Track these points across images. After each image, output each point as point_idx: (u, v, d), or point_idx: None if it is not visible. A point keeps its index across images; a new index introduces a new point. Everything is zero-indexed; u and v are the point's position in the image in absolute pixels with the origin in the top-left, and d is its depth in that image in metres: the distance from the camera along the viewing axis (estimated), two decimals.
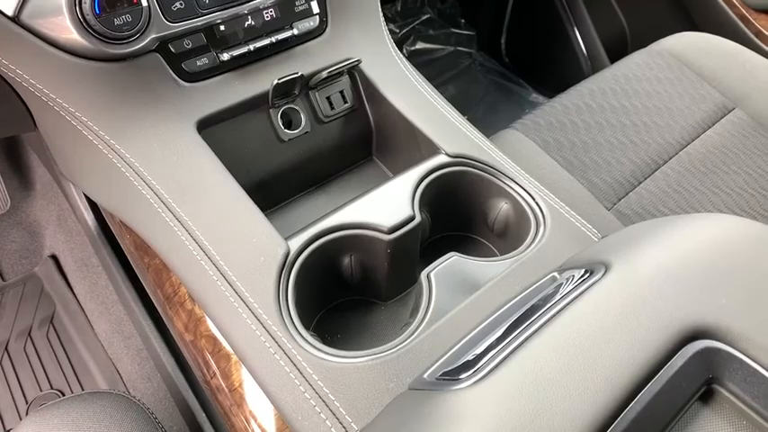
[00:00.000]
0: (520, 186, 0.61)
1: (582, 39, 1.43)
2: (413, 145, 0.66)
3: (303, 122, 0.66)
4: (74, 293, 1.09)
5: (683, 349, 0.36)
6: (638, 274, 0.43)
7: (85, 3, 0.50)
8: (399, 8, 1.58)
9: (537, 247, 0.55)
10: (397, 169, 0.71)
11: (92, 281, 1.05)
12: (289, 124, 0.66)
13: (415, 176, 0.59)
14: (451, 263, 0.53)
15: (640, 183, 0.87)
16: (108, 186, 0.59)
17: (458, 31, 1.60)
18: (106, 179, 0.59)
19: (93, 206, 0.89)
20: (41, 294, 1.11)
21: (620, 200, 0.84)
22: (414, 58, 1.55)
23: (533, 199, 0.60)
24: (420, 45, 1.56)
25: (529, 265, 0.54)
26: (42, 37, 0.53)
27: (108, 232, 0.89)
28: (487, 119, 1.45)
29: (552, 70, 1.51)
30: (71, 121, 0.58)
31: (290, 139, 0.65)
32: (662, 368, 0.35)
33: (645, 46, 1.07)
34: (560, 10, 1.44)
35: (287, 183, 0.67)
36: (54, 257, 1.14)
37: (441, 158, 0.61)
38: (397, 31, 1.56)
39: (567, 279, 0.49)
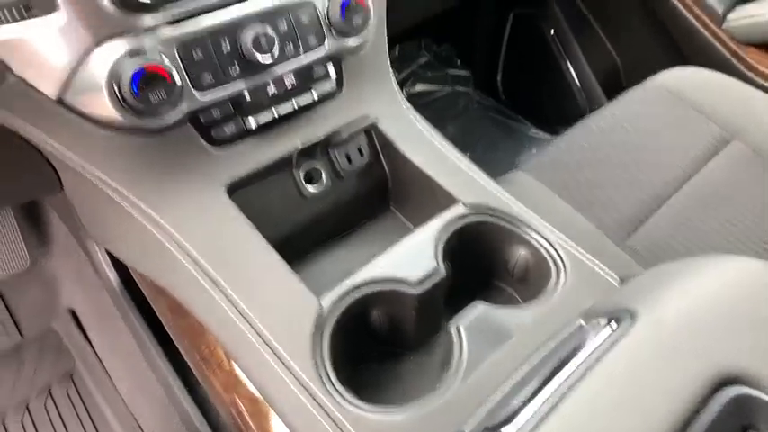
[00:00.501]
0: (537, 233, 0.63)
1: (576, 73, 1.48)
2: (429, 195, 0.69)
3: (324, 179, 0.69)
4: (93, 347, 1.10)
5: (716, 396, 0.38)
6: (664, 323, 0.45)
7: (124, 84, 0.53)
8: (398, 53, 1.64)
9: (560, 293, 0.57)
10: (415, 219, 0.73)
11: (111, 335, 1.06)
12: (309, 179, 0.69)
13: (436, 228, 0.61)
14: (478, 313, 0.55)
15: (648, 218, 0.89)
16: (142, 251, 0.62)
17: (454, 71, 1.66)
18: (140, 244, 0.61)
19: (116, 264, 0.91)
20: (60, 349, 1.12)
21: (629, 236, 0.87)
22: (413, 99, 1.60)
23: (551, 245, 0.62)
24: (419, 87, 1.61)
25: (554, 313, 0.56)
26: (80, 113, 0.56)
27: (131, 290, 0.90)
28: (489, 156, 1.49)
29: (549, 105, 1.56)
30: (105, 190, 0.60)
31: (312, 196, 0.68)
32: (697, 417, 0.37)
33: (638, 79, 1.12)
34: (553, 47, 1.50)
35: (310, 236, 0.69)
36: (72, 312, 1.15)
37: (459, 209, 0.63)
38: (397, 74, 1.62)
39: (594, 326, 0.51)
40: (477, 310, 0.55)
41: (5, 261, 1.15)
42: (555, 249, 0.62)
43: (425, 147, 0.70)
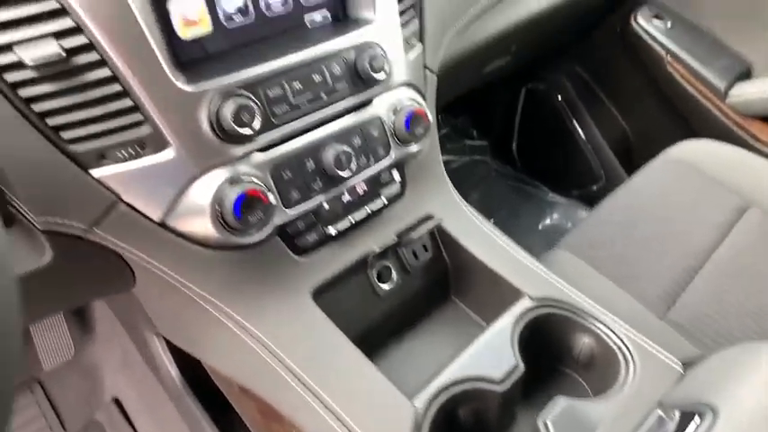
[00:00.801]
0: (601, 322, 0.67)
1: (588, 141, 1.57)
2: (490, 287, 0.73)
3: (394, 276, 0.73)
4: None
5: None
6: (746, 417, 0.49)
7: (227, 208, 0.57)
8: None
9: (631, 384, 0.61)
10: (477, 308, 0.78)
11: (163, 424, 1.06)
12: (379, 277, 0.73)
13: (510, 324, 0.65)
14: (562, 408, 0.58)
15: (684, 290, 0.94)
16: (231, 356, 0.65)
17: (471, 142, 1.75)
18: (230, 350, 0.64)
19: (177, 359, 0.93)
20: None
21: (669, 309, 0.91)
22: None
23: (615, 334, 0.66)
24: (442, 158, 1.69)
25: (630, 404, 0.59)
26: (178, 234, 0.60)
27: (191, 382, 0.92)
28: (511, 222, 1.55)
29: (564, 171, 1.64)
30: (196, 300, 0.64)
31: (384, 293, 0.72)
32: None
33: (647, 146, 1.19)
34: (565, 117, 1.59)
35: (383, 332, 0.73)
36: (117, 401, 1.15)
37: (527, 302, 0.68)
38: None
39: (672, 418, 0.55)
40: (561, 405, 0.58)
41: (52, 351, 1.16)
42: (619, 338, 0.66)
43: (485, 241, 0.75)
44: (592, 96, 1.52)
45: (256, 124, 0.58)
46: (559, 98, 1.56)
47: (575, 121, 1.55)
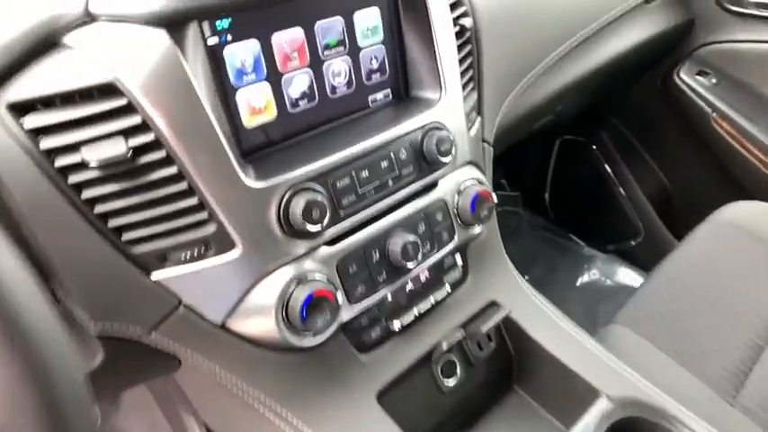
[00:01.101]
0: (686, 426, 0.62)
1: (627, 195, 1.53)
2: (559, 380, 0.68)
3: (458, 371, 0.68)
4: None
5: None
6: None
7: (293, 309, 0.53)
8: None
9: None
10: (545, 403, 0.72)
11: None
12: (442, 371, 0.69)
13: (591, 429, 0.60)
14: None
15: (751, 369, 0.88)
16: None
17: (502, 192, 1.71)
18: None
19: None
20: None
21: (738, 392, 0.85)
22: None
23: None
24: None
25: None
26: (239, 336, 0.56)
27: None
28: (549, 277, 1.50)
29: (601, 225, 1.59)
30: (252, 404, 0.59)
31: (449, 390, 0.67)
32: None
33: (690, 203, 1.14)
34: (602, 170, 1.55)
35: (448, 429, 0.68)
36: None
37: (605, 404, 0.63)
38: None
39: None
40: None
41: None
42: None
43: (553, 330, 0.71)
44: (630, 149, 1.48)
45: (326, 219, 0.54)
46: (596, 150, 1.53)
47: (612, 174, 1.51)
